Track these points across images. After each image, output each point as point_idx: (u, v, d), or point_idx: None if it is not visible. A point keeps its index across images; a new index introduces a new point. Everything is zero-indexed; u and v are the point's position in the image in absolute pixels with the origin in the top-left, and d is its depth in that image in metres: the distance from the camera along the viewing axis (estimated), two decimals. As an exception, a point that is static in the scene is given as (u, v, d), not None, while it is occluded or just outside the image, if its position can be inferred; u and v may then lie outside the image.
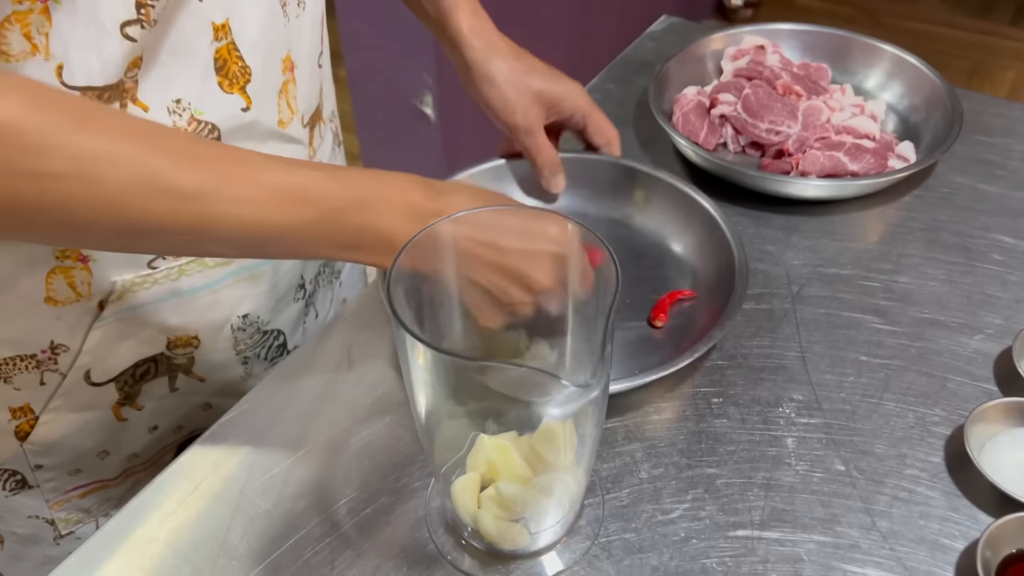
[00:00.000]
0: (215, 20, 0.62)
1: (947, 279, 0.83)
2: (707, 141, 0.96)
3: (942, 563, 0.62)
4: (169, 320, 0.71)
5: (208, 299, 0.72)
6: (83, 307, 0.67)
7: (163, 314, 0.71)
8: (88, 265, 0.66)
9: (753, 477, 0.67)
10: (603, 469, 0.67)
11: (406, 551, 0.63)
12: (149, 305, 0.70)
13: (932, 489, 0.66)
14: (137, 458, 0.79)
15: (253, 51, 0.66)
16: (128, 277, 0.67)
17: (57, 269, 0.65)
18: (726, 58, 1.05)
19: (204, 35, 0.62)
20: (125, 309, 0.69)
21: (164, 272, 0.69)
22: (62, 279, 0.65)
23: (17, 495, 0.75)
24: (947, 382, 0.73)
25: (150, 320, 0.71)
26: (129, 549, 0.63)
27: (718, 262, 0.79)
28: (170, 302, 0.70)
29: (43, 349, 0.68)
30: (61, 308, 0.66)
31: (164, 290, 0.69)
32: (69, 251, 0.64)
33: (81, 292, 0.66)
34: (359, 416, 0.71)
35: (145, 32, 0.58)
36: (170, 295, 0.70)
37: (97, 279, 0.66)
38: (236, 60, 0.65)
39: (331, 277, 0.90)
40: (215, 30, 0.62)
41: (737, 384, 0.73)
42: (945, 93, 0.96)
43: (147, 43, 0.59)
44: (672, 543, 0.63)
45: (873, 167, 0.90)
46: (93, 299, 0.67)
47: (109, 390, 0.72)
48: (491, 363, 0.46)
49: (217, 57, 0.63)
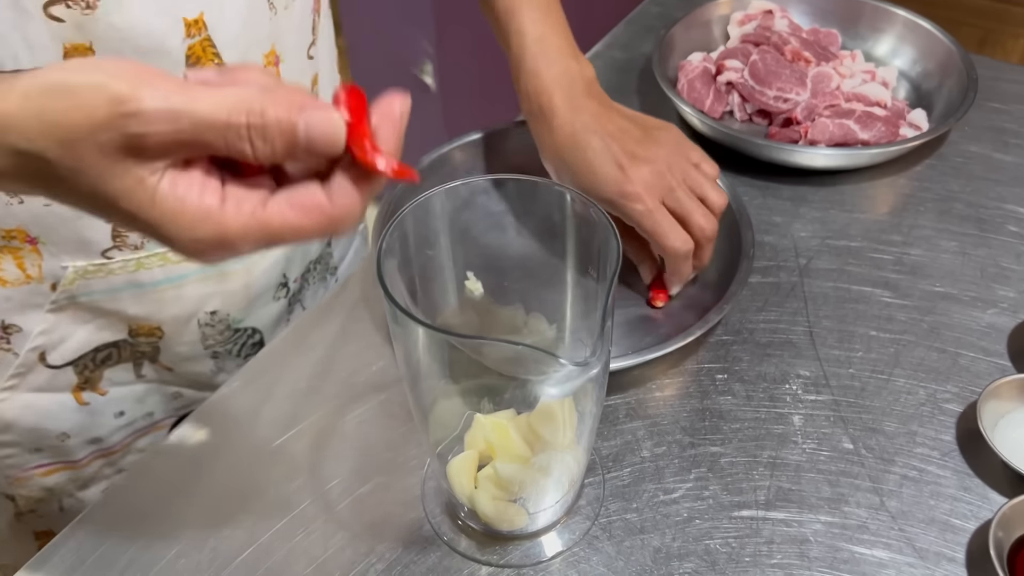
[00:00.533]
0: (187, 16, 0.59)
1: (960, 251, 0.80)
2: (713, 109, 0.94)
3: (953, 544, 0.60)
4: (129, 310, 0.70)
5: (171, 293, 0.70)
6: (34, 289, 0.66)
7: (122, 303, 0.69)
8: (38, 247, 0.64)
9: (758, 456, 0.65)
10: (604, 448, 0.66)
11: (401, 532, 0.61)
12: (106, 293, 0.68)
13: (943, 468, 0.64)
14: (102, 443, 0.78)
15: (231, 47, 0.63)
16: (80, 264, 0.66)
17: (5, 249, 0.64)
18: (733, 23, 1.02)
19: (175, 33, 0.59)
20: (81, 295, 0.67)
21: (120, 263, 0.67)
22: (11, 259, 0.64)
23: None
24: (959, 358, 0.71)
25: (107, 308, 0.69)
26: (118, 528, 0.62)
27: (724, 234, 0.77)
28: (129, 292, 0.69)
29: None
30: (11, 289, 0.65)
31: (121, 280, 0.68)
32: (15, 232, 0.63)
33: (31, 275, 0.65)
34: (354, 393, 0.69)
35: (79, 15, 0.55)
36: (128, 286, 0.68)
37: (48, 263, 0.65)
38: (211, 57, 0.62)
39: (324, 274, 0.87)
40: (187, 26, 0.60)
41: (742, 360, 0.71)
42: (959, 59, 0.93)
43: (95, 33, 0.56)
44: (675, 523, 0.61)
45: (884, 135, 0.88)
46: (45, 281, 0.66)
47: (67, 373, 0.71)
48: (486, 340, 0.44)
49: (189, 54, 0.61)
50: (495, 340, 0.45)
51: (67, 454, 0.76)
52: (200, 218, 0.39)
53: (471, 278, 0.59)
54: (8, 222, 0.63)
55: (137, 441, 0.80)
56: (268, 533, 0.61)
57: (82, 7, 0.55)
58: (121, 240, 0.66)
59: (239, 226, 0.39)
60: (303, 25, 0.72)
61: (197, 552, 0.60)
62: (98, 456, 0.78)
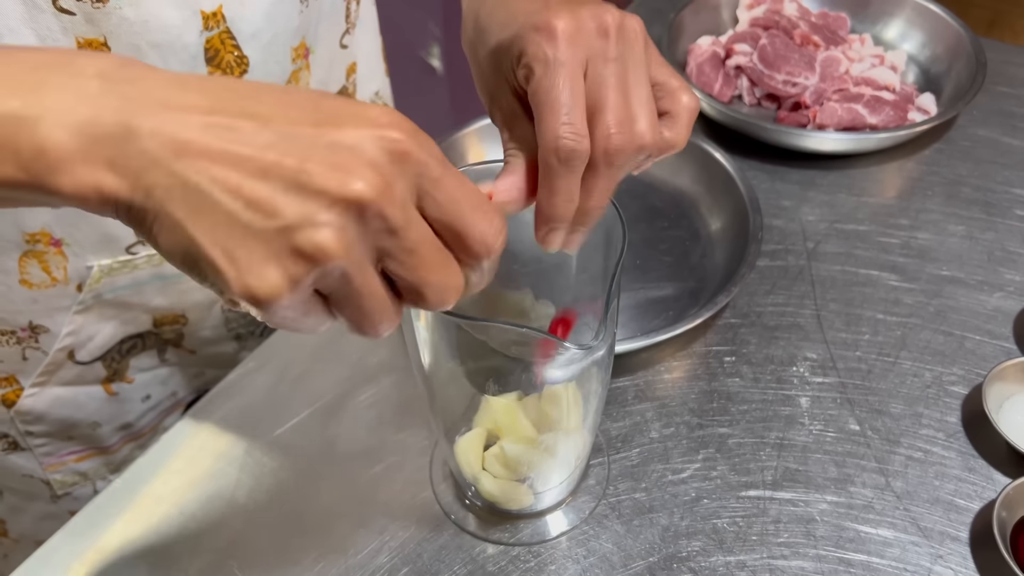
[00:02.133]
0: (204, 8, 0.58)
1: (967, 235, 0.80)
2: (722, 93, 0.94)
3: (957, 524, 0.61)
4: (153, 301, 0.70)
5: (193, 283, 0.70)
6: (60, 291, 0.66)
7: (146, 296, 0.69)
8: (62, 249, 0.64)
9: (766, 437, 0.66)
10: (613, 428, 0.66)
11: (412, 511, 0.62)
12: (131, 287, 0.68)
13: (948, 449, 0.65)
14: (132, 427, 0.79)
15: (252, 40, 0.62)
16: (106, 262, 0.65)
17: (30, 253, 0.63)
18: (742, 7, 1.02)
19: (192, 26, 0.58)
20: (106, 292, 0.67)
21: (145, 258, 0.67)
22: (35, 263, 0.64)
23: (10, 455, 0.75)
24: (965, 341, 0.72)
25: (132, 302, 0.69)
26: (136, 507, 0.63)
27: (732, 218, 0.77)
28: (153, 285, 0.69)
29: (22, 327, 0.67)
30: (37, 291, 0.65)
31: (146, 274, 0.68)
32: (39, 235, 0.62)
33: (57, 277, 0.65)
34: (364, 374, 0.70)
35: (89, 7, 0.54)
36: (153, 279, 0.68)
37: (73, 264, 0.65)
38: (231, 49, 0.61)
39: None
40: (204, 19, 0.58)
41: (750, 342, 0.72)
42: (968, 42, 0.93)
43: (108, 27, 0.55)
44: (683, 503, 0.62)
45: (893, 120, 0.88)
46: (70, 283, 0.66)
47: (96, 368, 0.72)
48: (493, 323, 0.45)
49: (208, 47, 0.60)
50: (501, 323, 0.45)
51: (99, 441, 0.77)
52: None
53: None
54: (32, 225, 0.62)
55: (164, 420, 0.81)
56: (282, 511, 0.62)
57: (92, 0, 0.54)
58: None
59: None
60: (335, 14, 0.70)
61: (214, 529, 0.61)
62: (128, 440, 0.80)
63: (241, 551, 0.60)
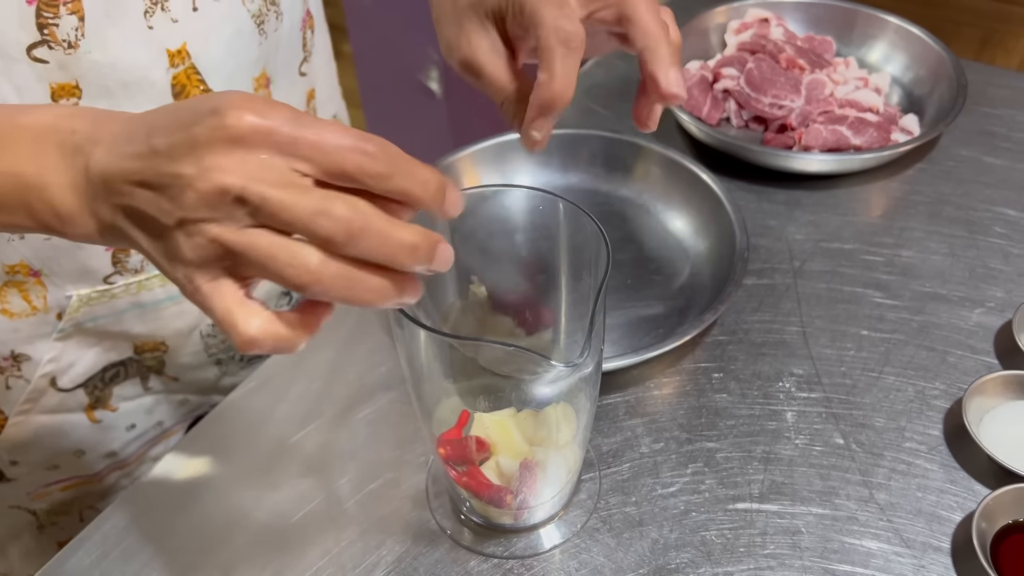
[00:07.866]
0: (169, 47, 0.60)
1: (949, 252, 0.82)
2: (710, 116, 0.96)
3: (939, 534, 0.62)
4: (133, 329, 0.71)
5: (173, 309, 0.72)
6: (40, 319, 0.67)
7: (126, 324, 0.71)
8: (41, 279, 0.65)
9: (753, 451, 0.68)
10: (604, 444, 0.68)
11: (408, 527, 0.64)
12: (110, 316, 0.69)
13: (930, 462, 0.67)
14: (117, 456, 0.79)
15: (216, 73, 0.64)
16: (84, 292, 0.67)
17: (10, 283, 0.65)
18: (729, 31, 1.05)
19: (159, 64, 0.60)
20: (86, 321, 0.68)
21: (122, 287, 0.68)
22: (16, 293, 0.65)
23: None
24: (947, 356, 0.74)
25: (112, 330, 0.70)
26: (136, 529, 0.64)
27: (720, 237, 0.79)
28: (132, 313, 0.70)
29: (4, 356, 0.68)
30: (18, 320, 0.66)
31: (125, 303, 0.69)
32: (19, 267, 0.64)
33: (37, 306, 0.66)
34: (363, 393, 0.72)
35: (61, 55, 0.56)
36: (132, 307, 0.70)
37: (53, 294, 0.66)
38: (197, 84, 0.63)
39: None
40: (170, 56, 0.60)
41: (738, 359, 0.74)
42: (950, 65, 0.95)
43: (79, 71, 0.57)
44: (672, 516, 0.64)
45: (876, 141, 0.90)
46: (51, 312, 0.67)
47: (78, 395, 0.73)
48: (482, 341, 0.46)
49: (175, 83, 0.62)
50: (489, 342, 0.47)
51: (84, 469, 0.78)
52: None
53: (476, 282, 0.61)
54: (11, 257, 0.64)
55: (151, 450, 0.82)
56: (283, 527, 0.64)
57: (64, 47, 0.56)
58: (121, 265, 0.67)
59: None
60: (292, 44, 0.73)
61: (215, 546, 0.63)
62: (114, 468, 0.80)
63: (239, 568, 0.62)
